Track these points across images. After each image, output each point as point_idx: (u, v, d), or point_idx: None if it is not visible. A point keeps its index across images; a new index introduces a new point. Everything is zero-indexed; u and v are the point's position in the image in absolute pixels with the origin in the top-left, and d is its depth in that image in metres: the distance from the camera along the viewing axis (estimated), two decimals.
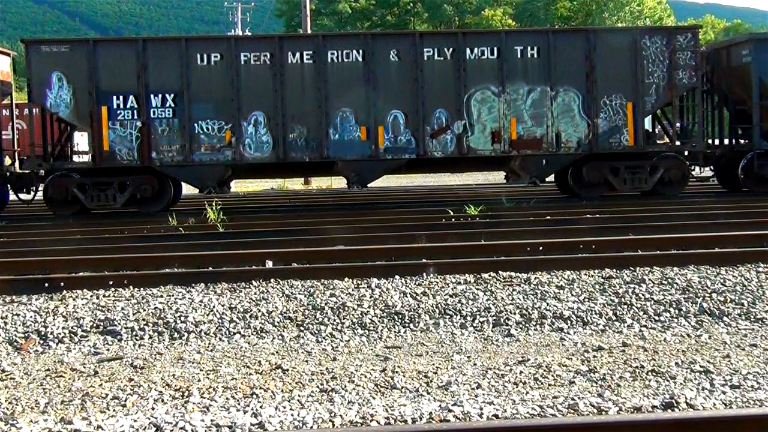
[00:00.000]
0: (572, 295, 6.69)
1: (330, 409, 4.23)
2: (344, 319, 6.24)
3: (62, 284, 7.31)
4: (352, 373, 4.90)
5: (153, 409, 4.33)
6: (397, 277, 7.43)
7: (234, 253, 8.64)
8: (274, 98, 14.02)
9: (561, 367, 4.90)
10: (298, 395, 4.49)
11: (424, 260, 7.91)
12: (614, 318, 6.17)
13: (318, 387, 4.64)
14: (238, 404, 4.35)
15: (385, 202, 16.74)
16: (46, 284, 7.33)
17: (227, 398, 4.47)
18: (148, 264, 8.27)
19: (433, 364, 5.07)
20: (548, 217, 11.70)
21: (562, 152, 14.50)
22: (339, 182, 24.98)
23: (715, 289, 6.71)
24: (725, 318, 6.12)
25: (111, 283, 7.40)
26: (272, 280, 7.37)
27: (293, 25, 55.68)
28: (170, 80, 13.95)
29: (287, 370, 5.01)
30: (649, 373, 4.73)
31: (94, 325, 6.21)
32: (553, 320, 6.12)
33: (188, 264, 8.29)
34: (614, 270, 7.43)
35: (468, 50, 14.27)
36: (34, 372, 5.18)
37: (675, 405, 4.12)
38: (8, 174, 14.93)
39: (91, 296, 7.05)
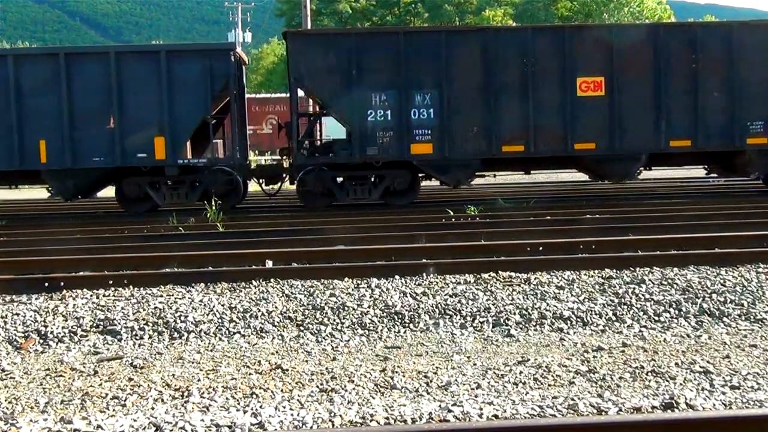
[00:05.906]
0: (572, 295, 6.69)
1: (330, 409, 4.23)
2: (344, 319, 6.24)
3: (62, 284, 7.31)
4: (351, 373, 4.90)
5: (153, 408, 4.33)
6: (397, 277, 7.43)
7: (234, 253, 8.63)
8: None
9: (561, 368, 4.90)
10: (298, 395, 4.49)
11: (424, 260, 7.91)
12: (614, 318, 6.17)
13: (318, 387, 4.64)
14: (238, 404, 4.36)
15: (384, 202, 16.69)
16: (46, 284, 7.33)
17: (227, 398, 4.47)
18: (148, 264, 8.27)
19: (433, 364, 5.07)
20: (548, 217, 11.70)
21: None
22: None
23: (715, 289, 6.71)
24: (725, 318, 6.12)
25: (111, 282, 7.40)
26: (272, 279, 7.37)
27: (293, 24, 55.69)
28: None
29: (287, 370, 5.01)
30: (649, 374, 4.74)
31: (94, 324, 6.22)
32: (553, 320, 6.12)
33: (188, 264, 8.29)
34: (614, 270, 7.43)
35: None
36: (33, 371, 5.18)
37: (675, 405, 4.13)
38: None
39: (91, 296, 7.05)
